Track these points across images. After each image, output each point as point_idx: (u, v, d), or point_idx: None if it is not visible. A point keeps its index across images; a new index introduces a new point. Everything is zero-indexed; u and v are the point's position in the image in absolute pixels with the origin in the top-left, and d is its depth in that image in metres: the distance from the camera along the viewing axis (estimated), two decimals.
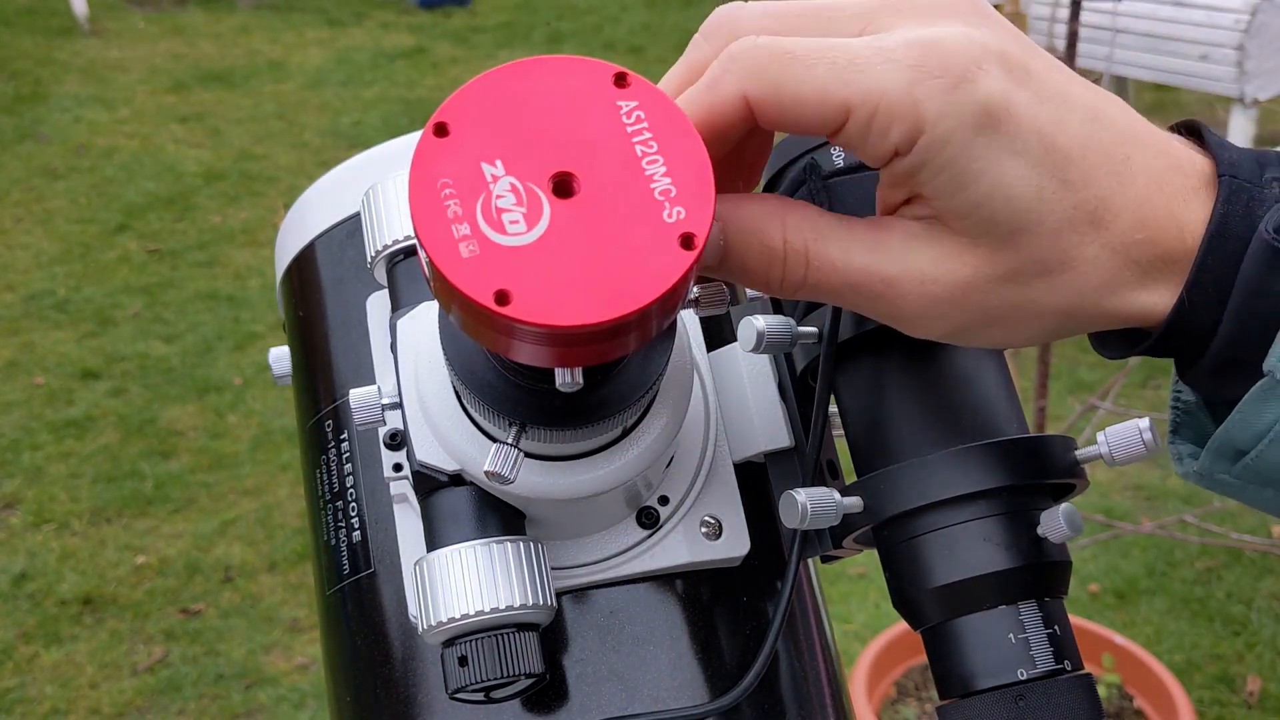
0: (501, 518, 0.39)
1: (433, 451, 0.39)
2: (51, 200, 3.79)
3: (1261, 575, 2.23)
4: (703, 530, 0.43)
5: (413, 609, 0.42)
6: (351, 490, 0.46)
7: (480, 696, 0.38)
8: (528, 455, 0.38)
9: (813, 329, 0.40)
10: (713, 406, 0.45)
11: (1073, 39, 1.43)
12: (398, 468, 0.42)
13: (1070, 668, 0.36)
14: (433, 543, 0.39)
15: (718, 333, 0.48)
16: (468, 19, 5.83)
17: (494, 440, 0.38)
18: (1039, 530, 0.37)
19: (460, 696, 0.38)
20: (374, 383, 0.42)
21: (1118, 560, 2.27)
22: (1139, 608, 2.16)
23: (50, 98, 4.56)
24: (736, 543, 0.43)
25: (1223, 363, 0.32)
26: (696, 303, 0.37)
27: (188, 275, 3.39)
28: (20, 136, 4.23)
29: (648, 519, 0.43)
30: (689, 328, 0.46)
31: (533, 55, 0.32)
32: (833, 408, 0.43)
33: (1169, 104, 4.50)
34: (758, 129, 0.33)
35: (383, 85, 4.90)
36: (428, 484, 0.39)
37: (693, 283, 0.32)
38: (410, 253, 0.43)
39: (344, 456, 0.47)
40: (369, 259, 0.43)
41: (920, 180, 0.31)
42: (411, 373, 0.40)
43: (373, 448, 0.46)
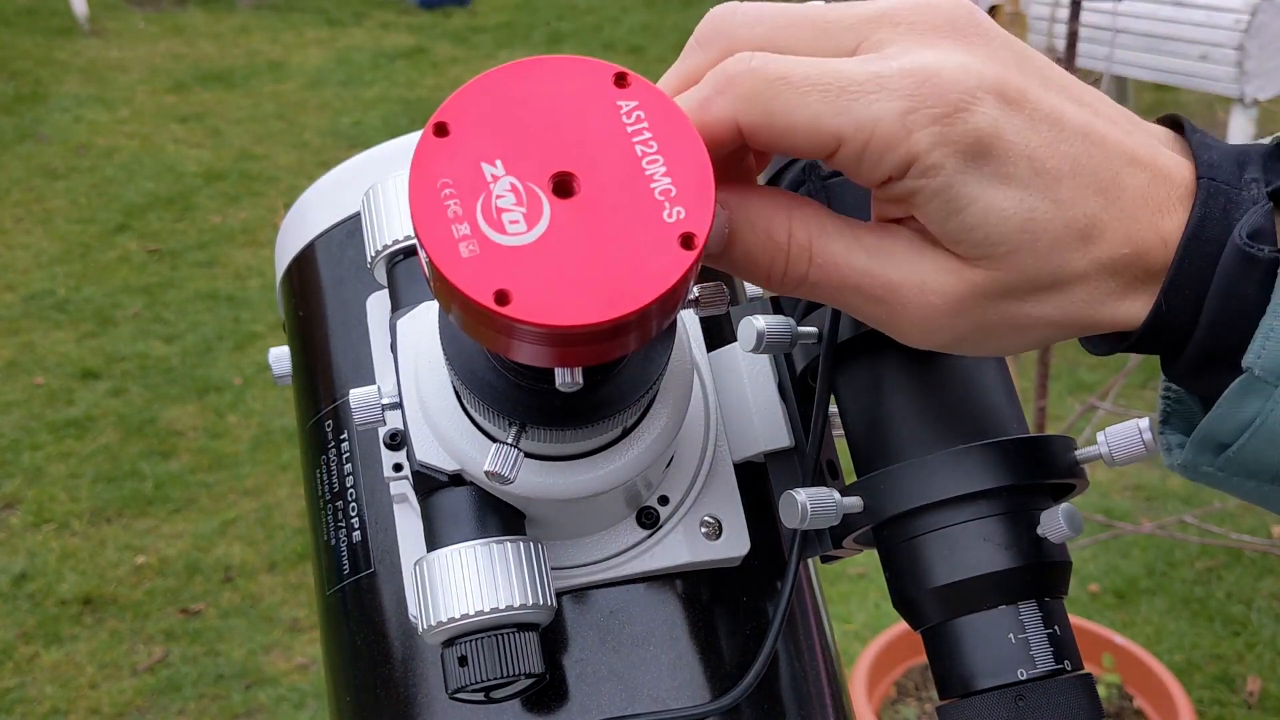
0: (501, 518, 0.39)
1: (433, 451, 0.39)
2: (51, 200, 3.79)
3: (1261, 575, 2.23)
4: (703, 530, 0.43)
5: (413, 609, 0.42)
6: (351, 490, 0.46)
7: (480, 696, 0.38)
8: (528, 455, 0.38)
9: (813, 329, 0.40)
10: (713, 406, 0.45)
11: (1073, 39, 1.43)
12: (398, 468, 0.42)
13: (1070, 668, 0.36)
14: (433, 543, 0.39)
15: (718, 333, 0.48)
16: (468, 19, 5.82)
17: (494, 440, 0.38)
18: (1039, 530, 0.37)
19: (460, 696, 0.38)
20: (374, 383, 0.42)
21: (1118, 560, 2.27)
22: (1139, 608, 2.16)
23: (50, 98, 4.56)
24: (736, 543, 0.43)
25: (1201, 361, 0.33)
26: (696, 303, 0.37)
27: (188, 275, 3.39)
28: (20, 136, 4.23)
29: (648, 519, 0.43)
30: (689, 328, 0.46)
31: (533, 55, 0.32)
32: (833, 408, 0.43)
33: (1169, 104, 4.51)
34: (746, 154, 0.34)
35: (383, 85, 4.90)
36: (428, 484, 0.39)
37: (693, 283, 0.32)
38: (410, 253, 0.43)
39: (344, 456, 0.47)
40: (369, 259, 0.43)
41: (911, 205, 0.32)
42: (411, 373, 0.40)
43: (373, 448, 0.46)
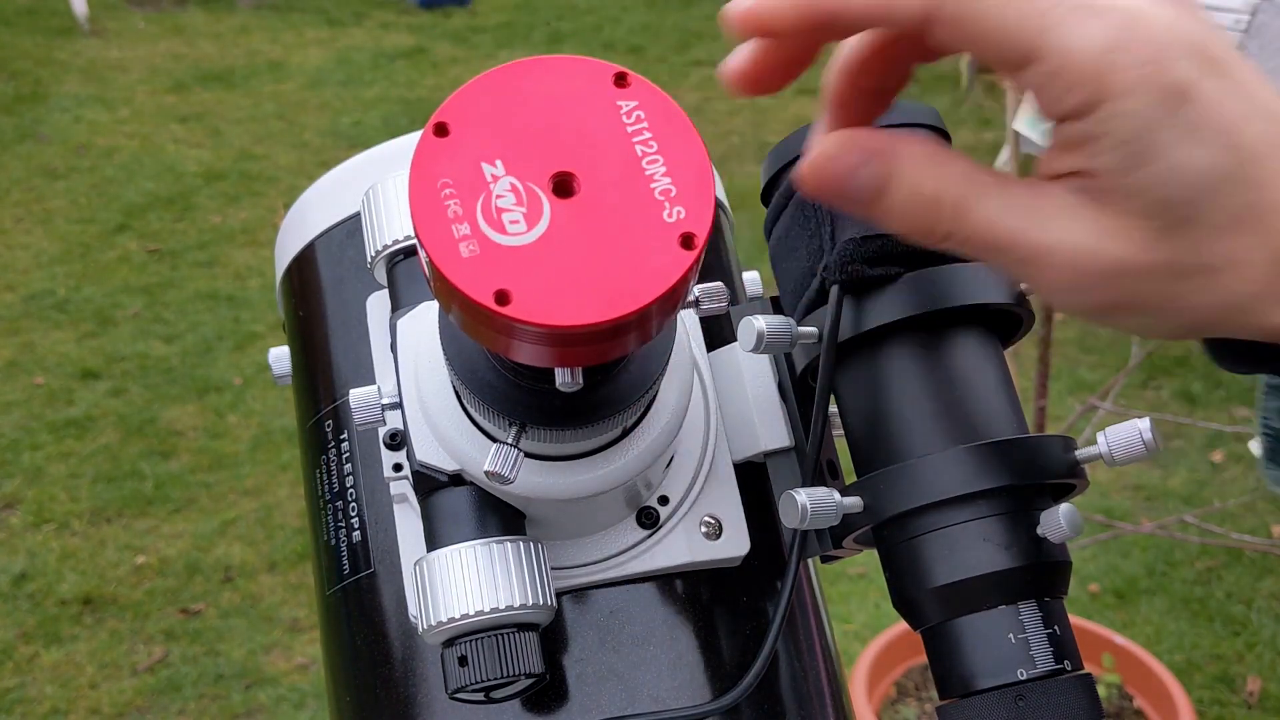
0: (501, 518, 0.39)
1: (433, 451, 0.39)
2: (51, 200, 3.79)
3: (1261, 575, 2.23)
4: (703, 530, 0.43)
5: (413, 609, 0.42)
6: (351, 490, 0.46)
7: (480, 696, 0.38)
8: (528, 455, 0.38)
9: (813, 329, 0.40)
10: (713, 406, 0.45)
11: None
12: (398, 468, 0.42)
13: (1070, 668, 0.36)
14: (433, 543, 0.39)
15: (718, 333, 0.48)
16: (468, 19, 5.82)
17: (494, 440, 0.38)
18: (1039, 530, 0.37)
19: (460, 696, 0.38)
20: (374, 383, 0.42)
21: (1118, 560, 2.27)
22: (1139, 608, 2.16)
23: (50, 98, 4.56)
24: (736, 543, 0.43)
25: None
26: (697, 303, 0.37)
27: (188, 275, 3.39)
28: (20, 136, 4.23)
29: (648, 519, 0.43)
30: (689, 328, 0.46)
31: (533, 55, 0.32)
32: (833, 408, 0.43)
33: None
34: (911, 54, 0.32)
35: (383, 85, 4.90)
36: (428, 484, 0.39)
37: (693, 283, 0.32)
38: (410, 253, 0.43)
39: (344, 456, 0.47)
40: (369, 259, 0.43)
41: (1094, 150, 0.30)
42: (411, 373, 0.40)
43: (373, 448, 0.46)
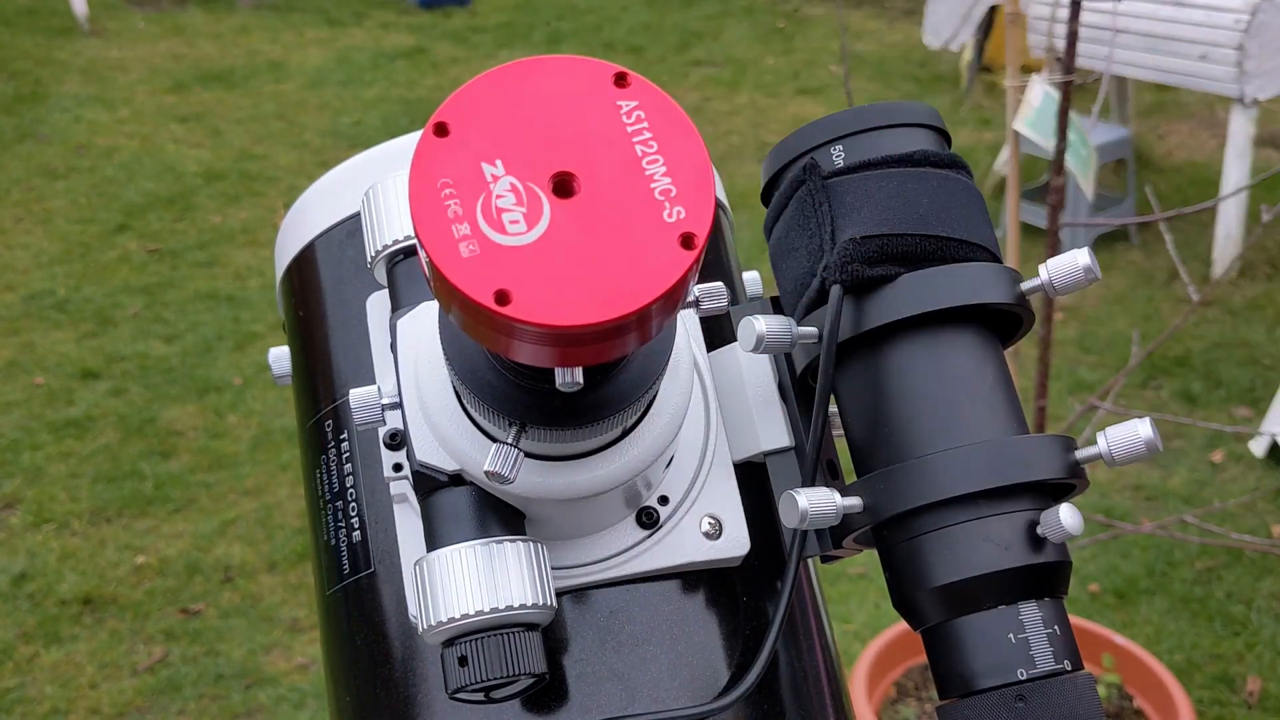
0: (501, 518, 0.39)
1: (433, 451, 0.39)
2: (51, 200, 3.79)
3: (1261, 575, 2.23)
4: (703, 530, 0.43)
5: (413, 609, 0.42)
6: (351, 490, 0.46)
7: (480, 696, 0.38)
8: (528, 455, 0.38)
9: (813, 329, 0.40)
10: (713, 406, 0.45)
11: (1073, 39, 1.43)
12: (398, 468, 0.42)
13: (1070, 668, 0.36)
14: (433, 543, 0.39)
15: (718, 333, 0.48)
16: (468, 19, 5.82)
17: (494, 440, 0.38)
18: (1039, 530, 0.37)
19: (460, 696, 0.38)
20: (374, 383, 0.42)
21: (1118, 560, 2.27)
22: (1139, 608, 2.16)
23: (50, 98, 4.56)
24: (737, 543, 0.43)
25: None
26: (697, 303, 0.37)
27: (188, 275, 3.39)
28: (20, 136, 4.23)
29: (647, 519, 0.43)
30: (689, 328, 0.46)
31: (533, 55, 0.32)
32: (832, 408, 0.43)
33: (1169, 104, 4.51)
34: None
35: (383, 85, 4.90)
36: (428, 484, 0.39)
37: (693, 282, 0.32)
38: (410, 253, 0.43)
39: (344, 456, 0.47)
40: (369, 259, 0.43)
41: None
42: (411, 373, 0.40)
43: (373, 448, 0.46)
